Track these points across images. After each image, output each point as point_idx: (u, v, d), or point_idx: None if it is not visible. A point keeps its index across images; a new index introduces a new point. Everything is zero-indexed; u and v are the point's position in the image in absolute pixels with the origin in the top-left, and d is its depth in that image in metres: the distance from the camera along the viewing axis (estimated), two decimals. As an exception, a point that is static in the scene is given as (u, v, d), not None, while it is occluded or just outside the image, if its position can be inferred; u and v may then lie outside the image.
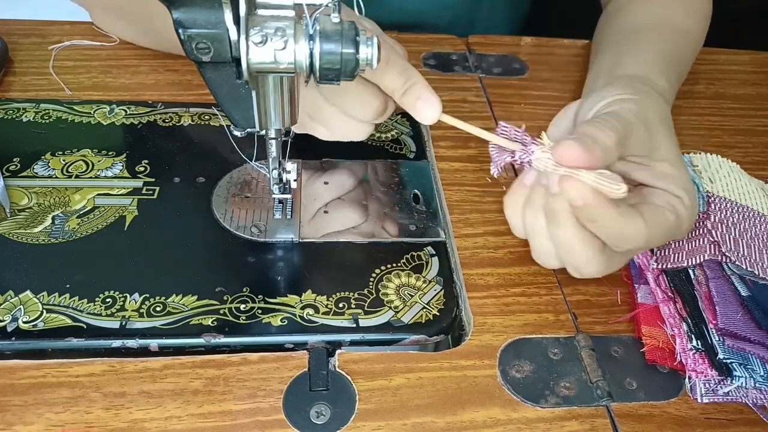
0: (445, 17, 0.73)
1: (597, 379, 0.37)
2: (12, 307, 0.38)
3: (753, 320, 0.38)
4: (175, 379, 0.36)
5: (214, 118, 0.52)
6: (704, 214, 0.43)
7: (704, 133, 0.58)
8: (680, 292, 0.41)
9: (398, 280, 0.42)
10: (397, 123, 0.55)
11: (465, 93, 0.59)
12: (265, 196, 0.46)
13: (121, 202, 0.45)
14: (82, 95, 0.53)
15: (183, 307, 0.39)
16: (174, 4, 0.30)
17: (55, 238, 0.42)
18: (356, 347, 0.39)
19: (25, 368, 0.35)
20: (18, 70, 0.55)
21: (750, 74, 0.66)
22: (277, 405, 0.35)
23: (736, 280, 0.40)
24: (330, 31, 0.32)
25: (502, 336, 0.40)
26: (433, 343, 0.40)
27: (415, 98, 0.39)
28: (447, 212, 0.47)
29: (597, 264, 0.38)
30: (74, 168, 0.47)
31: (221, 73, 0.34)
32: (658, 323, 0.40)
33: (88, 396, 0.35)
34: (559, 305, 0.42)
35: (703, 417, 0.37)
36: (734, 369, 0.37)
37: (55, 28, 0.60)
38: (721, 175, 0.46)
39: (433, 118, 0.39)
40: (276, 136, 0.40)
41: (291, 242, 0.43)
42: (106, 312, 0.38)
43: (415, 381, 0.37)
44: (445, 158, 0.51)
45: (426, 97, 0.39)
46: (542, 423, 0.36)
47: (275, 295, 0.40)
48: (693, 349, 0.38)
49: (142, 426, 0.34)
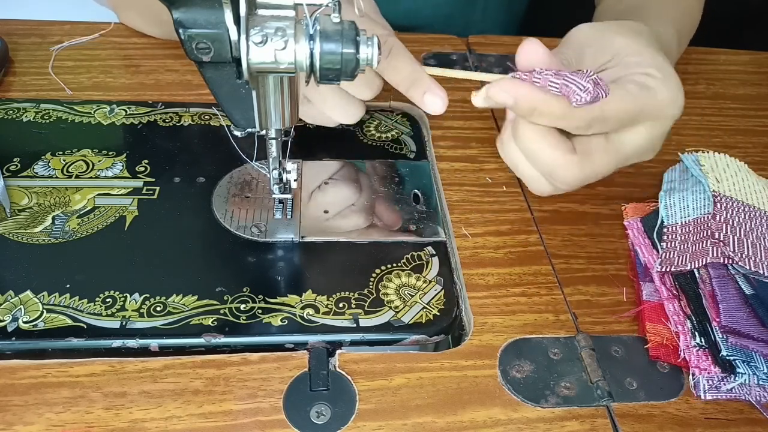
0: (439, 18, 0.73)
1: (597, 379, 0.37)
2: (12, 307, 0.38)
3: (757, 318, 0.38)
4: (175, 379, 0.36)
5: (214, 118, 0.52)
6: (710, 214, 0.43)
7: (704, 133, 0.58)
8: (685, 290, 0.41)
9: (398, 280, 0.42)
10: (397, 123, 0.55)
11: (465, 93, 0.58)
12: (265, 196, 0.46)
13: (121, 202, 0.45)
14: (82, 95, 0.53)
15: (183, 307, 0.39)
16: (174, 4, 0.30)
17: (56, 238, 0.42)
18: (356, 347, 0.39)
19: (26, 368, 0.35)
20: (18, 70, 0.55)
21: (750, 74, 0.66)
22: (277, 405, 0.35)
23: (740, 278, 0.40)
24: (330, 31, 0.32)
25: (502, 336, 0.40)
26: (433, 343, 0.40)
27: (422, 91, 0.40)
28: (447, 212, 0.47)
29: (574, 166, 0.39)
30: (74, 168, 0.47)
31: (221, 73, 0.34)
32: (662, 320, 0.40)
33: (88, 396, 0.35)
34: (559, 305, 0.42)
35: (704, 417, 0.37)
36: (737, 366, 0.37)
37: (55, 28, 0.60)
38: (728, 175, 0.46)
39: (441, 109, 0.40)
40: (276, 136, 0.40)
41: (291, 242, 0.43)
42: (106, 312, 0.38)
43: (416, 381, 0.37)
44: (445, 158, 0.51)
45: (433, 90, 0.40)
46: (542, 423, 0.36)
47: (275, 295, 0.40)
48: (696, 346, 0.38)
49: (142, 426, 0.34)
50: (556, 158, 0.39)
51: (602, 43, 0.40)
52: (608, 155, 0.40)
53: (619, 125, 0.39)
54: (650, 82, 0.38)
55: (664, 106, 0.39)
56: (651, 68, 0.39)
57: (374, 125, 0.54)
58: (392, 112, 0.56)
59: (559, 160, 0.39)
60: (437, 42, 0.65)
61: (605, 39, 0.41)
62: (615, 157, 0.40)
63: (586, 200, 0.49)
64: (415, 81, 0.40)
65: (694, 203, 0.45)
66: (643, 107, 0.38)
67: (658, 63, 0.39)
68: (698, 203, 0.44)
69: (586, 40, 0.40)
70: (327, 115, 0.46)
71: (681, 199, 0.46)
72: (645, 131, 0.40)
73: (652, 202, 0.47)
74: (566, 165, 0.39)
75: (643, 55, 0.40)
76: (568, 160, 0.39)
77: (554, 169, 0.39)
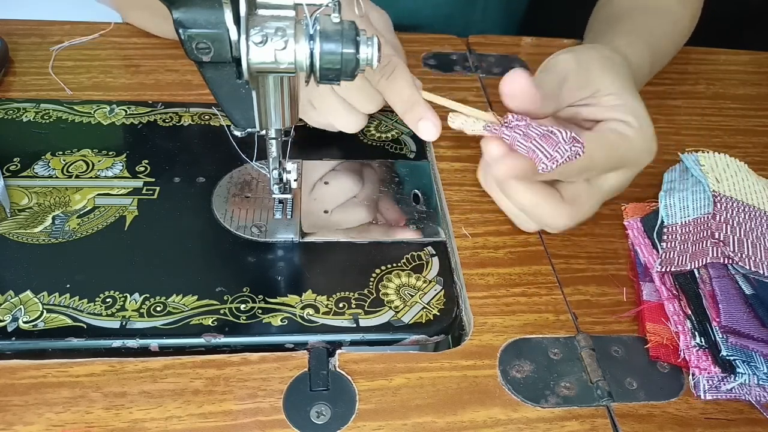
0: (439, 18, 0.73)
1: (597, 379, 0.37)
2: (12, 307, 0.38)
3: (757, 318, 0.38)
4: (175, 379, 0.36)
5: (214, 118, 0.52)
6: (710, 214, 0.43)
7: (704, 133, 0.58)
8: (685, 290, 0.41)
9: (398, 280, 0.42)
10: (397, 123, 0.55)
11: (465, 93, 0.59)
12: (265, 196, 0.46)
13: (121, 202, 0.45)
14: (82, 95, 0.53)
15: (183, 307, 0.39)
16: (174, 4, 0.30)
17: (56, 238, 0.42)
18: (356, 347, 0.39)
19: (26, 368, 0.35)
20: (18, 70, 0.55)
21: (750, 74, 0.66)
22: (277, 405, 0.35)
23: (740, 278, 0.40)
24: (330, 31, 0.32)
25: (502, 336, 0.40)
26: (433, 343, 0.40)
27: (417, 117, 0.41)
28: (447, 212, 0.47)
29: (563, 214, 0.40)
30: (74, 168, 0.47)
31: (221, 73, 0.34)
32: (662, 320, 0.40)
33: (88, 396, 0.35)
34: (559, 305, 0.42)
35: (704, 417, 0.37)
36: (737, 366, 0.37)
37: (55, 28, 0.60)
38: (728, 175, 0.46)
39: (435, 136, 0.41)
40: (276, 136, 0.40)
41: (291, 242, 0.43)
42: (106, 312, 0.38)
43: (416, 381, 0.37)
44: (445, 158, 0.51)
45: (428, 117, 0.40)
46: (542, 423, 0.36)
47: (275, 295, 0.40)
48: (696, 346, 0.38)
49: (142, 426, 0.34)
50: (545, 209, 0.40)
51: (585, 78, 0.42)
52: (592, 198, 0.42)
53: (601, 172, 0.41)
54: (628, 131, 0.40)
55: (640, 155, 0.41)
56: (629, 116, 0.41)
57: (374, 125, 0.54)
58: (392, 112, 0.56)
59: (548, 210, 0.40)
60: (437, 42, 0.65)
61: (588, 75, 0.42)
62: (597, 198, 0.42)
63: (586, 200, 0.49)
64: (413, 106, 0.41)
65: (694, 203, 0.45)
66: (622, 156, 0.40)
67: (635, 111, 0.41)
68: (698, 203, 0.44)
69: (568, 72, 0.42)
70: (330, 122, 0.47)
71: (681, 199, 0.46)
72: (622, 174, 0.42)
73: (652, 202, 0.47)
74: (556, 215, 0.41)
75: (622, 97, 0.41)
76: (558, 209, 0.40)
77: (543, 218, 0.41)
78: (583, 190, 0.41)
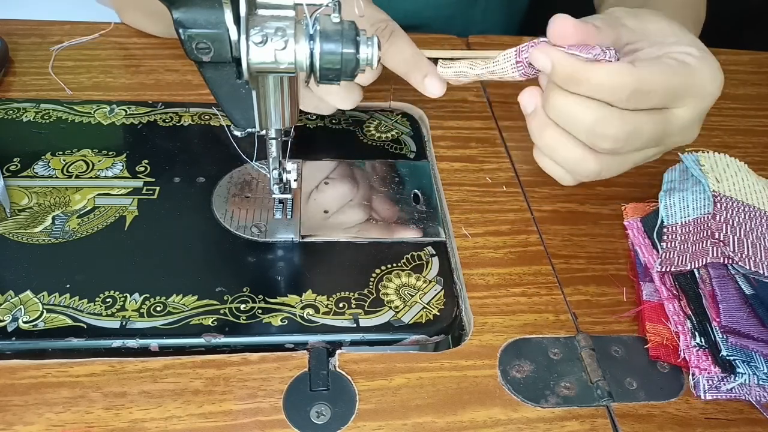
0: (440, 19, 0.73)
1: (597, 379, 0.37)
2: (12, 307, 0.38)
3: (757, 318, 0.38)
4: (175, 379, 0.36)
5: (214, 118, 0.52)
6: (710, 214, 0.43)
7: (704, 133, 0.57)
8: (685, 290, 0.41)
9: (398, 280, 0.42)
10: (397, 123, 0.55)
11: (465, 93, 0.58)
12: (265, 196, 0.46)
13: (121, 202, 0.45)
14: (82, 95, 0.53)
15: (183, 307, 0.39)
16: (174, 4, 0.30)
17: (56, 238, 0.42)
18: (356, 347, 0.39)
19: (26, 368, 0.35)
20: (18, 70, 0.55)
21: (750, 74, 0.66)
22: (277, 405, 0.35)
23: (740, 278, 0.40)
24: (330, 31, 0.32)
25: (502, 336, 0.40)
26: (433, 343, 0.40)
27: (422, 75, 0.40)
28: (447, 212, 0.47)
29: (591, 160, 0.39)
30: (74, 168, 0.47)
31: (221, 73, 0.34)
32: (662, 320, 0.40)
33: (88, 396, 0.35)
34: (559, 305, 0.42)
35: (704, 417, 0.37)
36: (737, 366, 0.37)
37: (55, 28, 0.60)
38: (728, 175, 0.46)
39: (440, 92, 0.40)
40: (276, 136, 0.40)
41: (291, 242, 0.43)
42: (106, 312, 0.38)
43: (416, 381, 0.37)
44: (445, 158, 0.51)
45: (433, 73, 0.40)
46: (542, 423, 0.36)
47: (275, 295, 0.40)
48: (696, 346, 0.38)
49: (142, 426, 0.34)
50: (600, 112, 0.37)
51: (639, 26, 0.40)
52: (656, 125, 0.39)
53: (662, 101, 0.38)
54: (689, 60, 0.38)
55: (705, 84, 0.39)
56: (690, 47, 0.39)
57: (374, 125, 0.54)
58: (392, 112, 0.56)
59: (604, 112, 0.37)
60: (437, 42, 0.65)
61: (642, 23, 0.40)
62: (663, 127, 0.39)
63: (586, 200, 0.49)
64: (416, 63, 0.40)
65: (694, 203, 0.45)
66: (684, 83, 0.38)
67: (695, 43, 0.39)
68: (698, 203, 0.44)
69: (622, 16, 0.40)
70: (326, 101, 0.46)
71: (681, 199, 0.46)
72: (692, 108, 0.39)
73: (652, 202, 0.47)
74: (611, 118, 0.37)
75: (679, 36, 0.40)
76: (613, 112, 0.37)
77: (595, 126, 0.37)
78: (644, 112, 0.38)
